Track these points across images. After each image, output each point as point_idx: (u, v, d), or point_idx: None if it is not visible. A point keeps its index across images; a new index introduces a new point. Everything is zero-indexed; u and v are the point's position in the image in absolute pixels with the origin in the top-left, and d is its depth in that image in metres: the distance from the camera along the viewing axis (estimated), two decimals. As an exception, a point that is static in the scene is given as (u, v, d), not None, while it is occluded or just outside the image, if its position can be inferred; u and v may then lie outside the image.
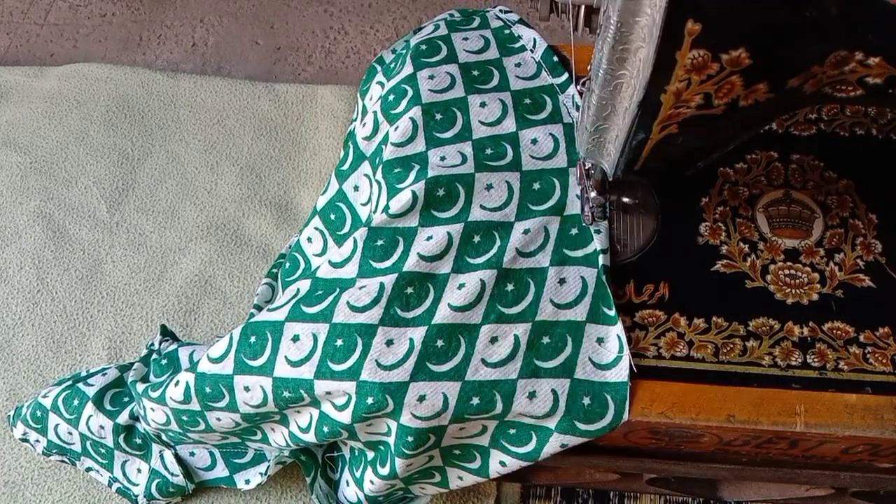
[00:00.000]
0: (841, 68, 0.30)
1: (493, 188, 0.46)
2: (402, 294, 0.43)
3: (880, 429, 0.38)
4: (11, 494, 0.74)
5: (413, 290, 0.43)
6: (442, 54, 0.53)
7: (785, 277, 0.43)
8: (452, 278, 0.43)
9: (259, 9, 1.17)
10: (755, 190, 0.46)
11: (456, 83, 0.51)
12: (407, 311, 0.43)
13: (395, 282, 0.43)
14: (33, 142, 0.99)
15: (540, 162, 0.48)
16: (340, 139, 0.97)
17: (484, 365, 0.42)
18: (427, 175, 0.46)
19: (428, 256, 0.44)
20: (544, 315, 0.43)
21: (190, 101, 1.02)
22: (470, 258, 0.44)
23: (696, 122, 0.32)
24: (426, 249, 0.44)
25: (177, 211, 0.92)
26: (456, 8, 0.58)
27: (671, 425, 0.40)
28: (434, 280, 0.43)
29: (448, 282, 0.43)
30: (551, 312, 0.43)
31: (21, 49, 1.15)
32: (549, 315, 0.43)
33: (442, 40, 0.53)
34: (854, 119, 0.49)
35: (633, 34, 0.29)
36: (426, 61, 0.52)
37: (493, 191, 0.46)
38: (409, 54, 0.53)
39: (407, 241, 0.45)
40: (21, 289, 0.87)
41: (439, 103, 0.50)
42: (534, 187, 0.47)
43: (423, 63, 0.52)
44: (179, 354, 0.61)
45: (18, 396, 0.80)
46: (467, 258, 0.44)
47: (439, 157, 0.48)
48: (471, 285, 0.43)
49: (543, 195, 0.47)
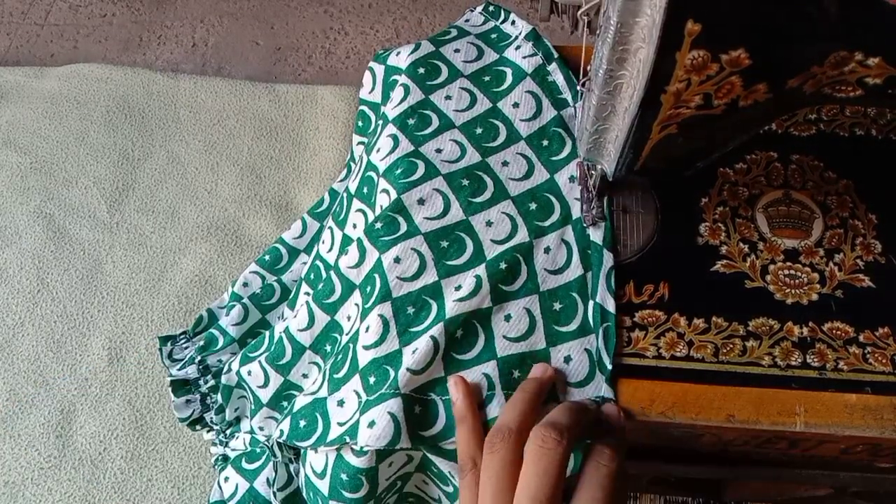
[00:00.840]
0: (840, 69, 0.30)
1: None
2: (406, 314, 0.42)
3: (880, 429, 0.38)
4: (11, 494, 0.74)
5: (414, 309, 0.43)
6: (434, 124, 0.49)
7: (784, 277, 0.43)
8: (446, 284, 0.43)
9: (259, 9, 1.17)
10: (755, 190, 0.46)
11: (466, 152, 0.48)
12: (417, 325, 0.42)
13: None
14: (33, 142, 0.99)
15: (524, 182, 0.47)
16: (340, 139, 0.97)
17: (508, 341, 0.41)
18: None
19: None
20: (546, 285, 0.43)
21: (190, 101, 1.02)
22: (452, 261, 0.44)
23: (696, 122, 0.32)
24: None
25: (177, 211, 0.93)
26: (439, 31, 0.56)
27: (671, 425, 0.40)
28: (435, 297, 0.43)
29: (444, 288, 0.43)
30: (552, 280, 0.43)
31: (21, 49, 1.15)
32: (551, 284, 0.43)
33: (429, 108, 0.50)
34: (854, 119, 0.49)
35: (632, 35, 0.29)
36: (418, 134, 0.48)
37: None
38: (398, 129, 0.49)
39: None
40: (21, 289, 0.88)
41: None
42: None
43: (418, 138, 0.48)
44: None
45: (18, 396, 0.80)
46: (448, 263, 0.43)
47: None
48: (466, 283, 0.43)
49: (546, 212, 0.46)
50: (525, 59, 0.51)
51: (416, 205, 0.45)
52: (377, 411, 0.38)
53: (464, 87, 0.50)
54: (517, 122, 0.49)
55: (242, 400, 0.54)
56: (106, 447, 0.79)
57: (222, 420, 0.55)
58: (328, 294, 0.48)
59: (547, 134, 0.48)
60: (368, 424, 0.38)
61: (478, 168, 0.47)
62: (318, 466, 0.43)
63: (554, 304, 0.42)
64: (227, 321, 0.57)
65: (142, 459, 0.78)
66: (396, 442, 0.38)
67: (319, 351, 0.49)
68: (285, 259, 0.60)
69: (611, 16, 0.29)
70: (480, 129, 0.48)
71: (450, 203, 0.45)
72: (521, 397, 0.37)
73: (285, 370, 0.50)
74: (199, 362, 0.56)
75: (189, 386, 0.57)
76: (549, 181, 0.47)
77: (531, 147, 0.48)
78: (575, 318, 0.42)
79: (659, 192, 0.46)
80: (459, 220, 0.45)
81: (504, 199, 0.46)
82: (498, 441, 0.35)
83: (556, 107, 0.50)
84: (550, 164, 0.47)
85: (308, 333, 0.49)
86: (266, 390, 0.50)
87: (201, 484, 0.77)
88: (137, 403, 0.81)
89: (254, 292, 0.59)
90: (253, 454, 0.53)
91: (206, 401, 0.57)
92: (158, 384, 0.82)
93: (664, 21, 0.27)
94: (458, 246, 0.44)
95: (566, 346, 0.41)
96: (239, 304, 0.57)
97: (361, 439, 0.38)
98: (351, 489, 0.41)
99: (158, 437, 0.79)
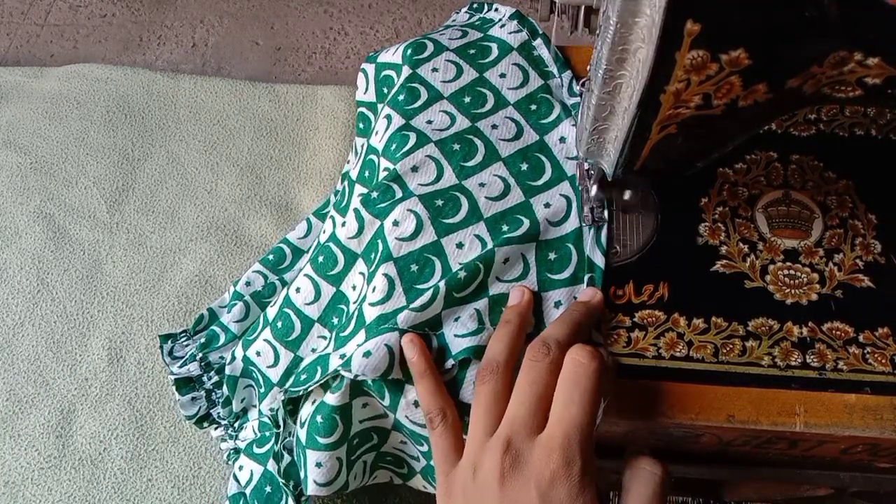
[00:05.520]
0: (840, 68, 0.30)
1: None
2: (410, 272, 0.43)
3: (880, 429, 0.38)
4: (11, 494, 0.74)
5: (418, 266, 0.43)
6: (424, 99, 0.50)
7: (784, 278, 0.43)
8: (447, 242, 0.44)
9: (259, 9, 1.17)
10: (754, 190, 0.46)
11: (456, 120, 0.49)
12: (422, 282, 0.43)
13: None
14: (33, 142, 0.99)
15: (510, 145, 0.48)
16: (340, 139, 0.97)
17: (501, 282, 0.42)
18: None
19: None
20: (545, 235, 0.44)
21: (190, 101, 1.02)
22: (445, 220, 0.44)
23: (696, 122, 0.32)
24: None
25: (177, 211, 0.93)
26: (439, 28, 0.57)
27: (671, 425, 0.40)
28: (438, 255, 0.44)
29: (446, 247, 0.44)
30: (552, 232, 0.44)
31: (21, 50, 1.15)
32: (550, 234, 0.44)
33: (417, 81, 0.50)
34: (853, 119, 0.49)
35: (632, 34, 0.29)
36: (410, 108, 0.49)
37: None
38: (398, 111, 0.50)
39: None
40: (21, 289, 0.88)
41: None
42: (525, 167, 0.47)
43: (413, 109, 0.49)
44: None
45: (18, 396, 0.81)
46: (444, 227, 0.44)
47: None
48: (469, 242, 0.43)
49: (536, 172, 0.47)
50: (510, 34, 0.52)
51: (410, 172, 0.46)
52: (374, 343, 0.39)
53: (450, 60, 0.51)
54: (504, 91, 0.50)
55: (248, 389, 0.54)
56: (106, 447, 0.79)
57: (230, 413, 0.55)
58: (331, 266, 0.48)
59: (535, 100, 0.49)
60: (364, 354, 0.39)
61: (468, 132, 0.48)
62: (303, 416, 0.44)
63: (550, 253, 0.43)
64: (229, 318, 0.57)
65: (142, 459, 0.78)
66: (389, 373, 0.39)
67: (327, 324, 0.49)
68: (289, 259, 0.61)
69: (610, 16, 0.29)
70: (469, 98, 0.49)
71: (443, 168, 0.46)
72: (506, 330, 0.39)
73: (295, 345, 0.50)
74: (201, 359, 0.56)
75: (193, 383, 0.57)
76: (539, 142, 0.48)
77: (519, 111, 0.49)
78: (568, 268, 0.43)
79: (659, 192, 0.46)
80: (453, 183, 0.46)
81: (495, 160, 0.47)
82: (488, 374, 0.37)
83: (542, 77, 0.50)
84: (540, 126, 0.48)
85: (315, 307, 0.49)
86: (276, 369, 0.50)
87: (201, 484, 0.77)
88: (137, 403, 0.81)
89: (256, 290, 0.59)
90: (263, 438, 0.53)
91: (211, 396, 0.57)
92: (158, 384, 0.82)
93: (664, 21, 0.27)
94: (452, 204, 0.45)
95: (557, 293, 0.42)
96: (241, 301, 0.58)
97: (355, 367, 0.39)
98: (325, 432, 0.42)
99: (158, 437, 0.79)
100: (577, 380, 0.34)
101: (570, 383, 0.34)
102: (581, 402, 0.34)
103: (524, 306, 0.41)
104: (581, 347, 0.36)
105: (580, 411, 0.33)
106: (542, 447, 0.33)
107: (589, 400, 0.34)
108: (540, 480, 0.32)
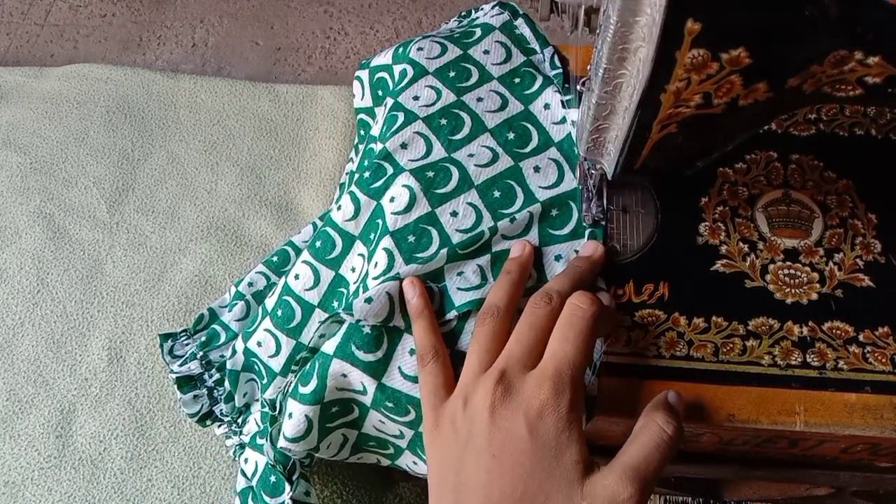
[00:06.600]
0: (840, 68, 0.30)
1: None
2: (407, 242, 0.44)
3: (880, 428, 0.38)
4: (11, 494, 0.74)
5: (415, 237, 0.44)
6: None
7: (784, 277, 0.43)
8: (441, 212, 0.45)
9: (259, 9, 1.17)
10: (754, 190, 0.46)
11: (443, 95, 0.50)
12: (421, 251, 0.43)
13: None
14: (33, 142, 0.99)
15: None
16: (340, 139, 0.97)
17: (505, 239, 0.43)
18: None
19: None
20: (543, 196, 0.45)
21: (190, 101, 1.02)
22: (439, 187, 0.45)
23: (696, 121, 0.32)
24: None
25: (177, 211, 0.93)
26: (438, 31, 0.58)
27: (671, 425, 0.40)
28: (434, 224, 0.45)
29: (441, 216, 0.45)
30: (549, 193, 0.45)
31: (21, 50, 1.15)
32: (548, 195, 0.45)
33: (404, 61, 0.52)
34: (853, 119, 0.49)
35: (632, 34, 0.29)
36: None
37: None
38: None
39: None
40: (21, 289, 0.88)
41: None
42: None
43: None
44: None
45: (18, 396, 0.81)
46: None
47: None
48: (463, 212, 0.44)
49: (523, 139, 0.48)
50: (492, 17, 0.54)
51: (400, 149, 0.47)
52: (375, 290, 0.40)
53: (434, 41, 0.52)
54: (489, 66, 0.51)
55: (251, 384, 0.54)
56: (106, 447, 0.79)
57: (232, 409, 0.55)
58: (330, 250, 0.48)
59: (518, 73, 0.51)
60: (366, 300, 0.40)
61: (454, 106, 0.49)
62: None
63: (552, 210, 0.45)
64: (230, 317, 0.57)
65: (142, 459, 0.78)
66: (390, 320, 0.41)
67: (328, 308, 0.49)
68: (293, 261, 0.61)
69: (610, 15, 0.29)
70: (453, 73, 0.50)
71: (431, 144, 0.47)
72: (507, 279, 0.40)
73: (296, 332, 0.50)
74: (202, 357, 0.56)
75: (194, 381, 0.57)
76: (524, 111, 0.49)
77: (503, 84, 0.50)
78: (569, 224, 0.44)
79: (659, 192, 0.47)
80: (443, 156, 0.47)
81: (482, 132, 0.48)
82: (487, 317, 0.38)
83: (525, 54, 0.52)
84: (524, 97, 0.50)
85: (315, 292, 0.49)
86: (278, 359, 0.50)
87: (201, 484, 0.77)
88: (137, 403, 0.81)
89: (258, 290, 0.59)
90: (265, 429, 0.53)
91: (213, 394, 0.57)
92: (158, 384, 0.82)
93: (664, 20, 0.27)
94: (444, 174, 0.46)
95: (557, 247, 0.44)
96: (242, 301, 0.58)
97: (357, 312, 0.40)
98: (303, 382, 0.43)
99: (158, 437, 0.79)
100: (573, 321, 0.35)
101: (567, 324, 0.35)
102: (576, 341, 0.34)
103: (525, 258, 0.42)
104: (581, 293, 0.36)
105: (574, 349, 0.34)
106: (534, 378, 0.34)
107: (584, 339, 0.35)
108: (528, 409, 0.33)
